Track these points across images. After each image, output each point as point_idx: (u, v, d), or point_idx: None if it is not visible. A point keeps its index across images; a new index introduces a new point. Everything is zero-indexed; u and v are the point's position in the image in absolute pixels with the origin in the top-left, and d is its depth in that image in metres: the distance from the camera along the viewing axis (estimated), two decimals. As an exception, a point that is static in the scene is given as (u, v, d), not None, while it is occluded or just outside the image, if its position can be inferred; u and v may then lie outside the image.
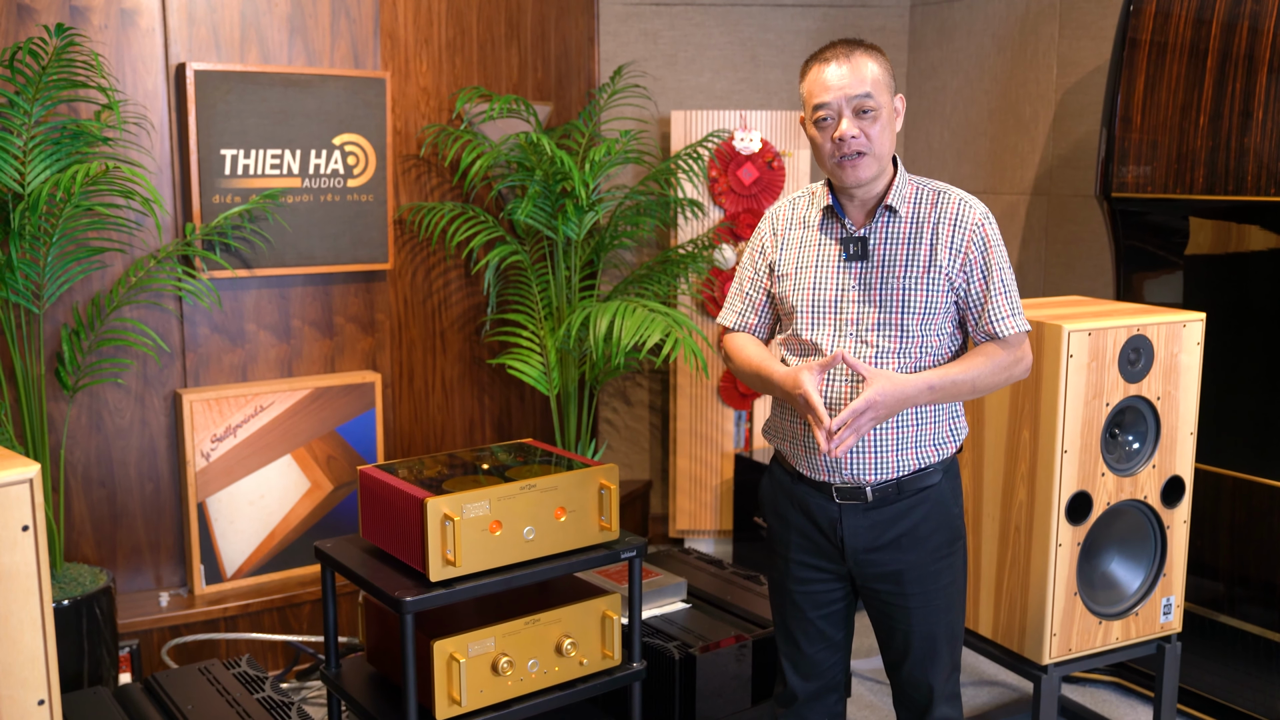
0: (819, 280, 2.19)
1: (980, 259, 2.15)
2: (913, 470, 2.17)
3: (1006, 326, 2.15)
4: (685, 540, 4.48)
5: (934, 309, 2.13)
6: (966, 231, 2.14)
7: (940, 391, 2.10)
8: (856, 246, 2.16)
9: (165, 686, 2.78)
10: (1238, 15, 3.04)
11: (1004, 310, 2.15)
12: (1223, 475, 3.07)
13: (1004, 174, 4.38)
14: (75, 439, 3.31)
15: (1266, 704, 3.02)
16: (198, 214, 3.33)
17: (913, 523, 2.18)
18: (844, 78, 2.09)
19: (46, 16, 3.12)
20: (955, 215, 2.15)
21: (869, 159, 2.11)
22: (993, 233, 2.17)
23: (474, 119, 3.93)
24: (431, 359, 4.02)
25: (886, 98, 2.12)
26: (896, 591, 2.20)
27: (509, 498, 2.34)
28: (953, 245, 2.13)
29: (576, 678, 2.49)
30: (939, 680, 2.24)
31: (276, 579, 3.57)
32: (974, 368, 2.13)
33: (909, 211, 2.17)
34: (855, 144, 2.09)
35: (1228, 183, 3.06)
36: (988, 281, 2.15)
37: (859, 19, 4.64)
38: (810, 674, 2.33)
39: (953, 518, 2.23)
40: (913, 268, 2.13)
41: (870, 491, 2.16)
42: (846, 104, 2.09)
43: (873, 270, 2.15)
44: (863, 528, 2.19)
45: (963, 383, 2.12)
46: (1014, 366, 2.17)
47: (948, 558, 2.22)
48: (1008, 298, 2.16)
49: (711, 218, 4.28)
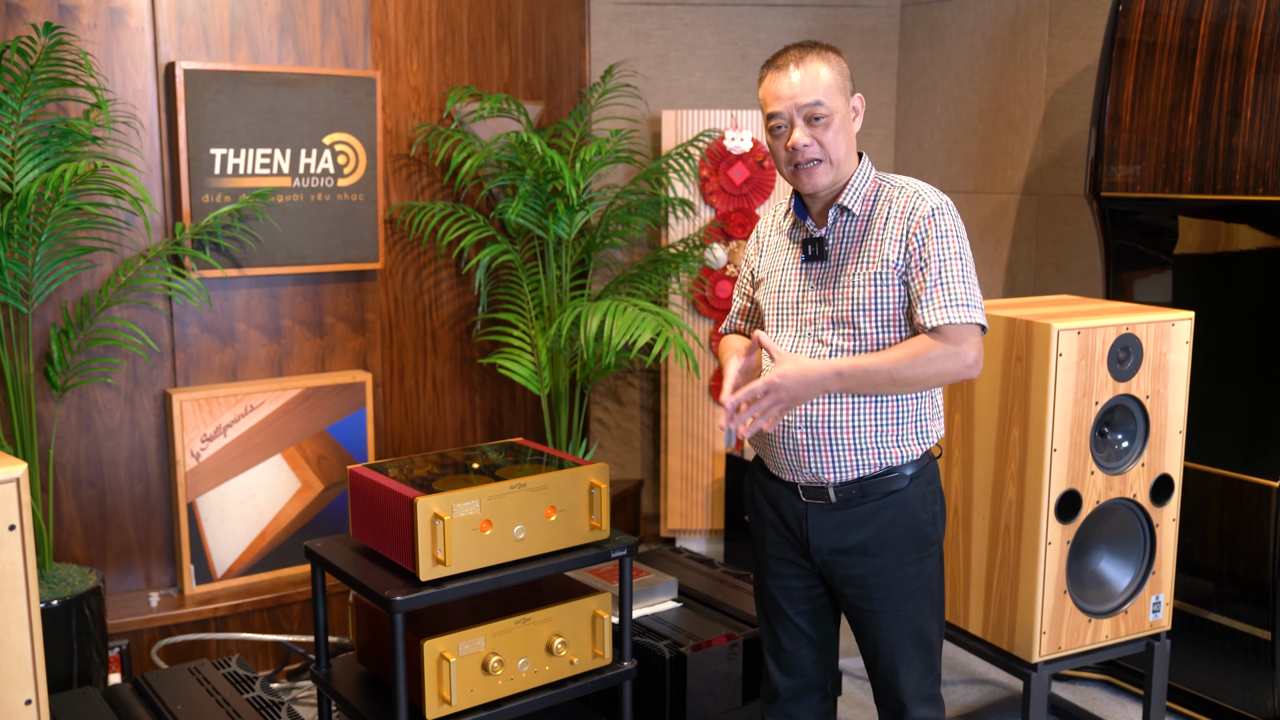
0: (783, 283, 2.23)
1: (920, 250, 2.09)
2: (875, 471, 2.15)
3: (936, 316, 2.06)
4: (676, 539, 4.49)
5: (885, 306, 2.12)
6: (912, 224, 2.11)
7: (850, 379, 2.05)
8: (814, 247, 2.18)
9: (155, 687, 2.77)
10: (1226, 15, 3.05)
11: (937, 301, 2.07)
12: (1211, 473, 3.08)
13: (994, 174, 4.39)
14: (64, 439, 3.31)
15: (1255, 701, 3.03)
16: (187, 213, 3.32)
17: (878, 527, 2.16)
18: (794, 86, 2.10)
19: (35, 15, 3.11)
20: (905, 210, 2.12)
21: (824, 165, 2.13)
22: (942, 224, 2.10)
23: (465, 118, 3.92)
24: (422, 358, 4.01)
25: (840, 101, 2.12)
26: (863, 596, 2.20)
27: (499, 497, 2.34)
28: (899, 239, 2.11)
29: (567, 677, 2.49)
30: (910, 684, 2.22)
31: (267, 579, 3.56)
32: (891, 358, 2.06)
33: (864, 210, 2.17)
34: (808, 152, 2.11)
35: (1216, 182, 3.07)
36: (924, 273, 2.09)
37: (849, 19, 4.65)
38: (792, 670, 2.34)
39: (921, 524, 2.18)
40: (862, 265, 2.13)
41: (833, 492, 2.16)
42: (798, 112, 2.11)
43: (828, 270, 2.17)
44: (827, 528, 2.18)
45: (877, 372, 2.05)
46: (946, 360, 2.05)
47: (916, 564, 2.19)
48: (944, 289, 2.07)
49: (702, 217, 4.28)
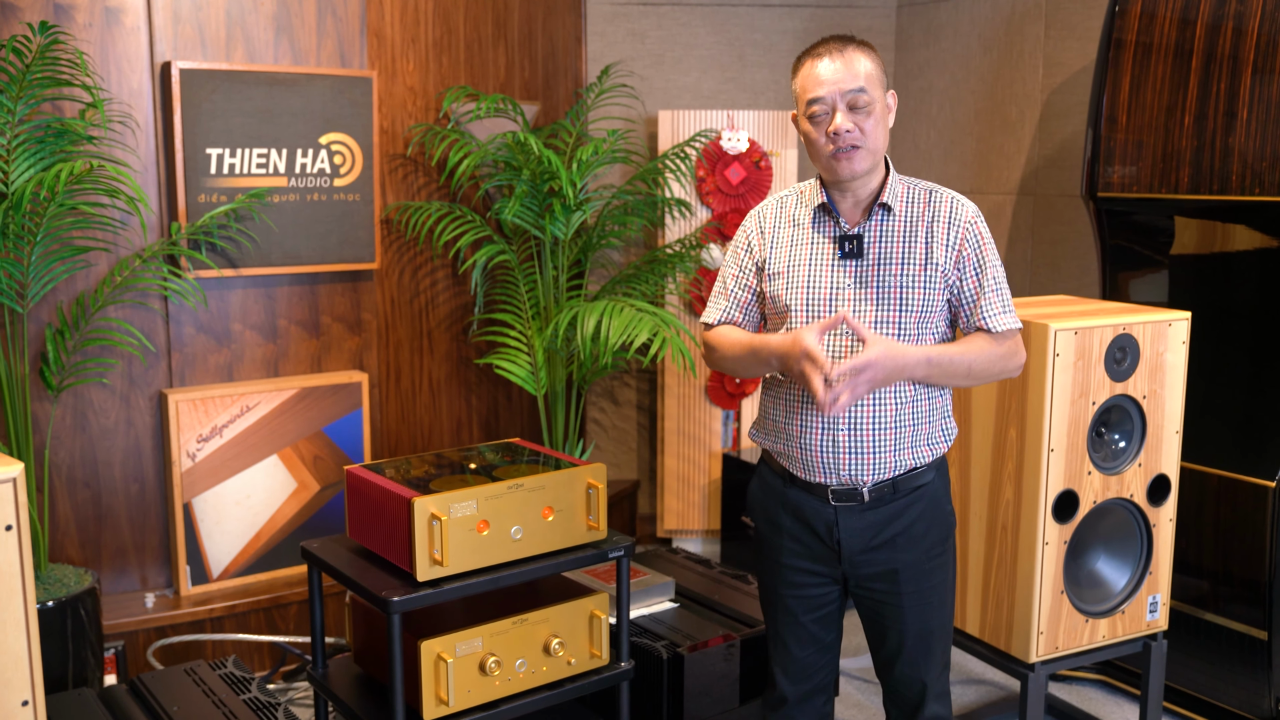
0: (813, 278, 2.18)
1: (974, 256, 2.16)
2: (908, 469, 2.17)
3: (999, 322, 2.17)
4: (673, 540, 4.48)
5: (930, 307, 2.15)
6: (960, 229, 2.16)
7: (936, 367, 2.11)
8: (852, 244, 2.17)
9: (151, 688, 2.76)
10: (1222, 16, 3.05)
11: (996, 307, 2.17)
12: (1208, 473, 3.08)
13: (990, 174, 4.39)
14: (60, 439, 3.30)
15: (1251, 701, 3.03)
16: (183, 213, 3.31)
17: (908, 521, 2.18)
18: (838, 72, 2.09)
19: (30, 14, 3.10)
20: (950, 213, 2.17)
21: (864, 152, 2.11)
22: (984, 231, 2.19)
23: (461, 118, 3.92)
24: (419, 359, 4.01)
25: (880, 93, 2.13)
26: (891, 590, 2.20)
27: (496, 497, 2.33)
28: (948, 243, 2.15)
29: (564, 677, 2.48)
30: (931, 677, 2.24)
31: (263, 579, 3.55)
32: (971, 351, 2.15)
33: (903, 209, 2.18)
34: (850, 138, 2.10)
35: (1212, 182, 3.07)
36: (980, 279, 2.17)
37: (846, 19, 4.65)
38: (800, 677, 2.33)
39: (946, 514, 2.25)
40: (909, 265, 2.14)
41: (867, 493, 2.17)
42: (840, 98, 2.09)
43: (868, 268, 2.16)
44: (859, 529, 2.18)
45: (959, 363, 2.13)
46: (1008, 360, 2.19)
47: (941, 555, 2.23)
48: (999, 295, 2.18)
49: (699, 217, 4.28)
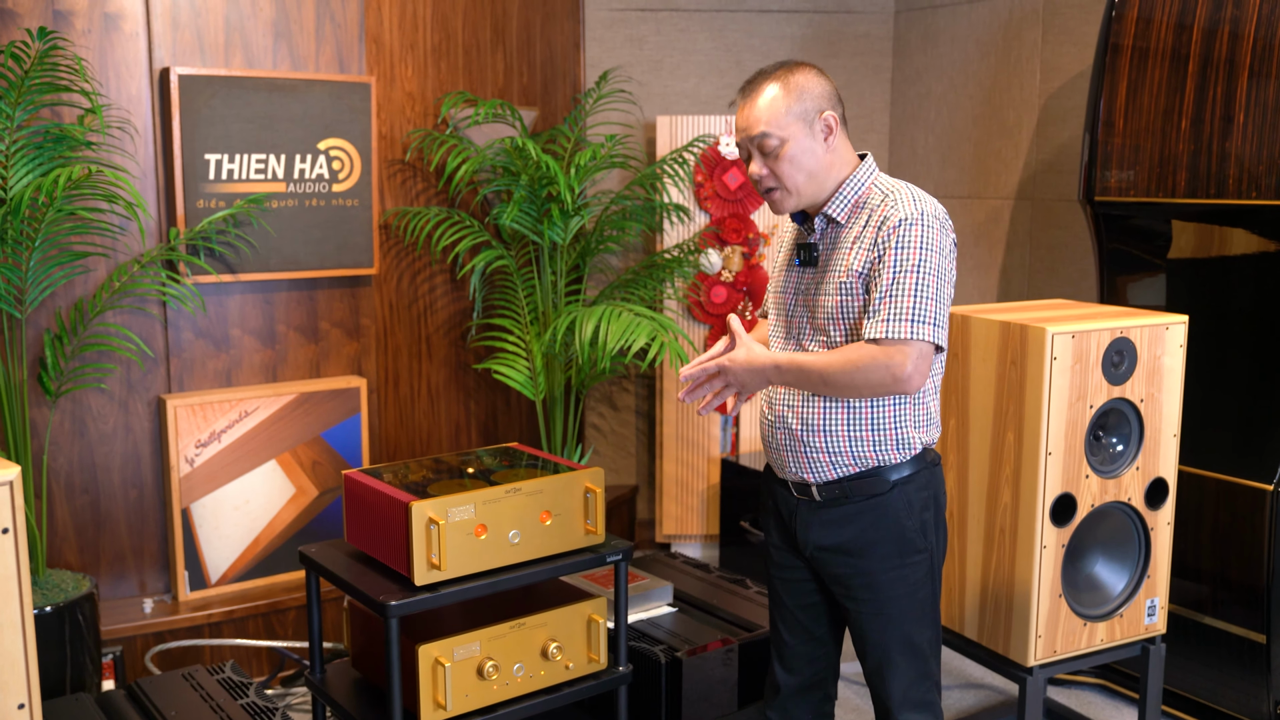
0: (781, 285, 2.27)
1: (891, 260, 2.03)
2: (853, 473, 2.16)
3: (874, 329, 2.02)
4: (672, 545, 4.48)
5: (850, 315, 2.10)
6: (883, 233, 2.05)
7: (787, 374, 2.11)
8: (806, 253, 2.20)
9: (149, 693, 2.76)
10: (1219, 20, 3.06)
11: (882, 313, 2.01)
12: (1206, 477, 3.08)
13: (988, 179, 4.40)
14: (58, 445, 3.30)
15: (1250, 705, 3.03)
16: (181, 218, 3.32)
17: (859, 529, 2.17)
18: (745, 119, 2.14)
19: (29, 20, 3.11)
20: (881, 219, 2.07)
21: (780, 193, 2.15)
22: (907, 235, 2.02)
23: (459, 124, 3.93)
24: (417, 364, 4.01)
25: (794, 127, 2.09)
26: (847, 596, 2.23)
27: (494, 501, 2.34)
28: (875, 248, 2.07)
29: (562, 682, 2.48)
30: (897, 688, 2.22)
31: (261, 585, 3.55)
32: (825, 361, 2.06)
33: (849, 218, 2.15)
34: (765, 182, 2.15)
35: (1209, 186, 3.08)
36: (877, 283, 2.04)
37: (843, 25, 4.66)
38: (793, 666, 2.35)
39: (904, 530, 2.16)
40: (835, 275, 2.12)
41: (817, 491, 2.19)
42: (750, 144, 2.14)
43: (815, 277, 2.18)
44: (814, 524, 2.21)
45: (810, 372, 2.08)
46: (875, 370, 2.01)
47: (899, 569, 2.17)
48: (891, 301, 2.01)
49: (697, 222, 4.29)
